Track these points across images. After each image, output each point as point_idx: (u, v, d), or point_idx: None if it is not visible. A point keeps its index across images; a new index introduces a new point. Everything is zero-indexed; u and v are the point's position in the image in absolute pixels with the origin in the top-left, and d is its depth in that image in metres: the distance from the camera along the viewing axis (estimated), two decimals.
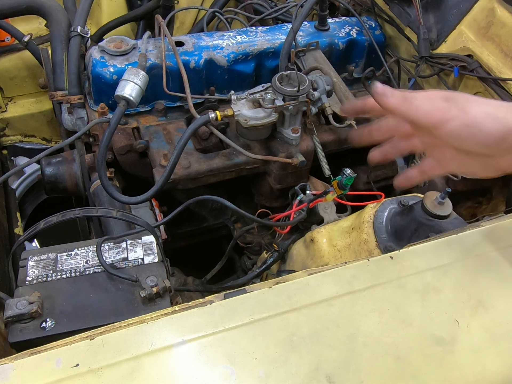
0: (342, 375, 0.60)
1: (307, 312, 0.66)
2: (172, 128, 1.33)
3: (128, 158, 1.30)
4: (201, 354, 0.60)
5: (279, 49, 1.40)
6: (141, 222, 0.90)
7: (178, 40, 1.38)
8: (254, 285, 0.70)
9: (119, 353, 0.60)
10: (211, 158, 1.24)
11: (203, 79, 1.39)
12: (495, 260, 0.74)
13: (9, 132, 1.77)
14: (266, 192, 1.37)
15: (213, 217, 1.52)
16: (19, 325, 0.76)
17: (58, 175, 1.31)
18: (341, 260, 0.98)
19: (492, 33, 1.26)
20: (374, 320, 0.65)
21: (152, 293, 0.80)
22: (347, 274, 0.70)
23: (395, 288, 0.69)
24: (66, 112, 1.34)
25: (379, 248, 0.90)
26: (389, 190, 1.55)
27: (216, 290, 1.20)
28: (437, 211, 0.86)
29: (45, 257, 0.88)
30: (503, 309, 0.68)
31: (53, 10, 1.37)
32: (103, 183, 1.11)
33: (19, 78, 1.67)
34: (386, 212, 0.95)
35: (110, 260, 0.87)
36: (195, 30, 1.84)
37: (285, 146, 1.26)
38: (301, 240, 1.14)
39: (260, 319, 0.64)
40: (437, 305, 0.68)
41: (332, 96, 1.28)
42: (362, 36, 1.53)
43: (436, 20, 1.41)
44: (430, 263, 0.73)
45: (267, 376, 0.59)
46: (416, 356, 0.62)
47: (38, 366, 0.59)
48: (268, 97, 1.17)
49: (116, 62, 1.29)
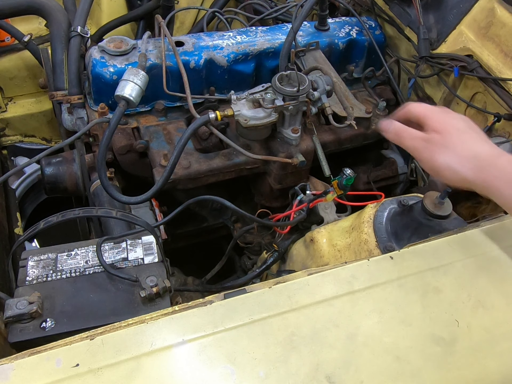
0: (342, 375, 0.60)
1: (307, 312, 0.66)
2: (172, 128, 1.33)
3: (128, 158, 1.30)
4: (201, 354, 0.60)
5: (279, 49, 1.40)
6: (141, 222, 0.90)
7: (178, 40, 1.38)
8: (254, 285, 0.71)
9: (119, 353, 0.60)
10: (211, 158, 1.24)
11: (203, 79, 1.39)
12: (495, 260, 0.74)
13: (9, 132, 1.77)
14: (266, 192, 1.37)
15: (213, 217, 1.52)
16: (19, 325, 0.76)
17: (58, 175, 1.31)
18: (341, 260, 0.98)
19: (492, 33, 1.26)
20: (374, 320, 0.65)
21: (152, 293, 0.80)
22: (347, 274, 0.70)
23: (395, 288, 0.69)
24: (66, 112, 1.34)
25: (379, 248, 0.90)
26: (389, 190, 1.56)
27: (216, 290, 1.20)
28: (437, 211, 0.86)
29: (45, 257, 0.88)
30: (503, 309, 0.68)
31: (53, 10, 1.37)
32: (103, 183, 1.11)
33: (19, 78, 1.67)
34: (386, 212, 0.95)
35: (110, 260, 0.87)
36: (195, 30, 1.84)
37: (285, 146, 1.26)
38: (301, 240, 1.14)
39: (260, 319, 0.64)
40: (437, 305, 0.68)
41: (332, 96, 1.28)
42: (362, 36, 1.53)
43: (436, 20, 1.41)
44: (430, 263, 0.73)
45: (267, 376, 0.59)
46: (416, 356, 0.62)
47: (38, 366, 0.59)
48: (268, 97, 1.17)
49: (116, 62, 1.29)
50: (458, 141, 0.76)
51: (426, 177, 1.42)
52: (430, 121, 0.79)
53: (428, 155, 0.78)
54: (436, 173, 0.78)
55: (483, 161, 0.73)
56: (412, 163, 1.50)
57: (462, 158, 0.74)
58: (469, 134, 0.77)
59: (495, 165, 0.72)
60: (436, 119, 0.79)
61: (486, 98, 1.31)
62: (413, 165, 1.49)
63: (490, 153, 0.74)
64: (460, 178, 0.74)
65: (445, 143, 0.76)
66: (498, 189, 0.71)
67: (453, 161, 0.75)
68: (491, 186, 0.71)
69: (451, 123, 0.79)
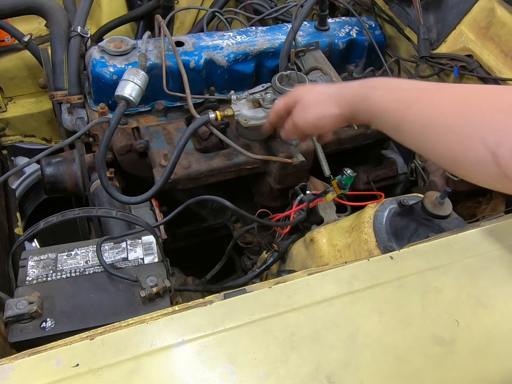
0: (342, 375, 0.60)
1: (307, 312, 0.66)
2: (172, 128, 1.33)
3: (128, 158, 1.30)
4: (201, 354, 0.60)
5: (279, 49, 1.40)
6: (141, 222, 0.90)
7: (178, 40, 1.38)
8: (254, 285, 0.70)
9: (119, 353, 0.60)
10: (211, 158, 1.24)
11: (203, 79, 1.39)
12: (495, 260, 0.74)
13: (9, 132, 1.77)
14: (266, 192, 1.37)
15: (213, 217, 1.52)
16: (19, 325, 0.76)
17: (58, 175, 1.31)
18: (341, 260, 0.98)
19: (492, 33, 1.26)
20: (374, 320, 0.65)
21: (152, 293, 0.80)
22: (347, 274, 0.70)
23: (395, 288, 0.69)
24: (66, 112, 1.34)
25: (379, 248, 0.90)
26: (389, 190, 1.56)
27: (216, 290, 1.20)
28: (437, 211, 0.87)
29: (45, 257, 0.88)
30: (503, 309, 0.68)
31: (53, 10, 1.37)
32: (103, 183, 1.11)
33: (19, 78, 1.67)
34: (386, 212, 0.95)
35: (110, 260, 0.87)
36: (195, 30, 1.84)
37: (285, 146, 1.26)
38: (301, 240, 1.14)
39: (260, 319, 0.64)
40: (437, 305, 0.68)
41: None
42: (362, 36, 1.53)
43: (436, 20, 1.41)
44: (430, 263, 0.73)
45: (267, 376, 0.59)
46: (416, 356, 0.62)
47: (38, 366, 0.59)
48: (268, 97, 1.17)
49: (116, 62, 1.29)
50: (311, 95, 0.88)
51: (426, 177, 1.42)
52: (289, 101, 0.92)
53: (300, 120, 0.89)
54: (314, 128, 0.89)
55: (338, 95, 0.83)
56: (412, 163, 1.50)
57: (322, 104, 0.85)
58: (317, 87, 0.90)
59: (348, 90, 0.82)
60: (290, 95, 0.92)
61: None
62: (413, 165, 1.49)
63: (340, 86, 0.85)
64: (332, 119, 0.84)
65: (304, 104, 0.88)
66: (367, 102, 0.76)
67: (318, 110, 0.85)
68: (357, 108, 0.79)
69: (298, 90, 0.92)
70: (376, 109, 0.74)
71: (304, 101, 0.89)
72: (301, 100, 0.89)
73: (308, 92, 0.89)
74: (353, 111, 0.81)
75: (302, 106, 0.89)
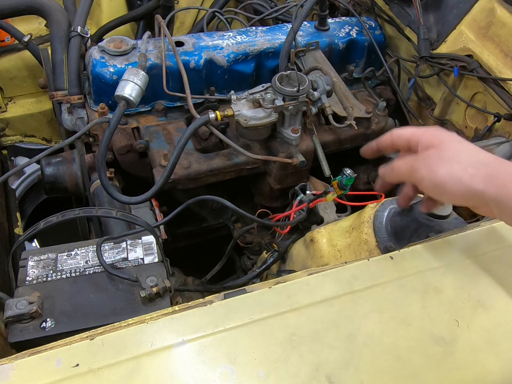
0: (342, 375, 0.60)
1: (307, 312, 0.66)
2: (172, 128, 1.33)
3: (128, 158, 1.30)
4: (201, 354, 0.60)
5: (279, 49, 1.40)
6: (141, 222, 0.90)
7: (178, 40, 1.38)
8: (254, 285, 0.71)
9: (119, 353, 0.60)
10: (211, 158, 1.24)
11: (203, 79, 1.39)
12: (495, 260, 0.74)
13: (9, 132, 1.77)
14: (266, 192, 1.37)
15: (213, 217, 1.52)
16: (19, 325, 0.76)
17: (58, 175, 1.31)
18: (341, 260, 0.98)
19: (492, 33, 1.26)
20: (374, 320, 0.65)
21: (152, 293, 0.80)
22: (347, 274, 0.70)
23: (395, 288, 0.69)
24: (66, 112, 1.34)
25: (379, 248, 0.90)
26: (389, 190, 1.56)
27: (216, 290, 1.20)
28: (437, 211, 0.86)
29: (45, 257, 0.88)
30: (503, 309, 0.68)
31: (53, 10, 1.37)
32: (103, 183, 1.11)
33: (19, 78, 1.67)
34: (386, 212, 0.95)
35: (110, 260, 0.87)
36: (195, 30, 1.84)
37: (285, 146, 1.26)
38: (301, 240, 1.14)
39: (260, 319, 0.64)
40: (437, 305, 0.68)
41: (332, 96, 1.28)
42: (362, 36, 1.53)
43: (436, 20, 1.41)
44: (430, 263, 0.73)
45: (267, 376, 0.59)
46: (416, 356, 0.62)
47: (38, 366, 0.59)
48: (268, 97, 1.17)
49: (116, 62, 1.29)
50: (458, 150, 0.67)
51: None
52: (423, 138, 0.70)
53: (427, 170, 0.67)
54: (438, 189, 0.67)
55: (493, 169, 0.63)
56: None
57: (467, 165, 0.64)
58: (467, 144, 0.69)
59: (507, 172, 0.62)
60: (429, 134, 0.71)
61: (486, 98, 1.31)
62: None
63: (496, 160, 0.65)
64: (466, 189, 0.64)
65: (444, 155, 0.67)
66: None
67: (456, 170, 0.64)
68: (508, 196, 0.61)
69: (446, 135, 0.70)
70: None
71: (445, 150, 0.67)
72: (441, 146, 0.68)
73: (455, 143, 0.68)
74: (498, 199, 0.61)
75: (439, 155, 0.67)
